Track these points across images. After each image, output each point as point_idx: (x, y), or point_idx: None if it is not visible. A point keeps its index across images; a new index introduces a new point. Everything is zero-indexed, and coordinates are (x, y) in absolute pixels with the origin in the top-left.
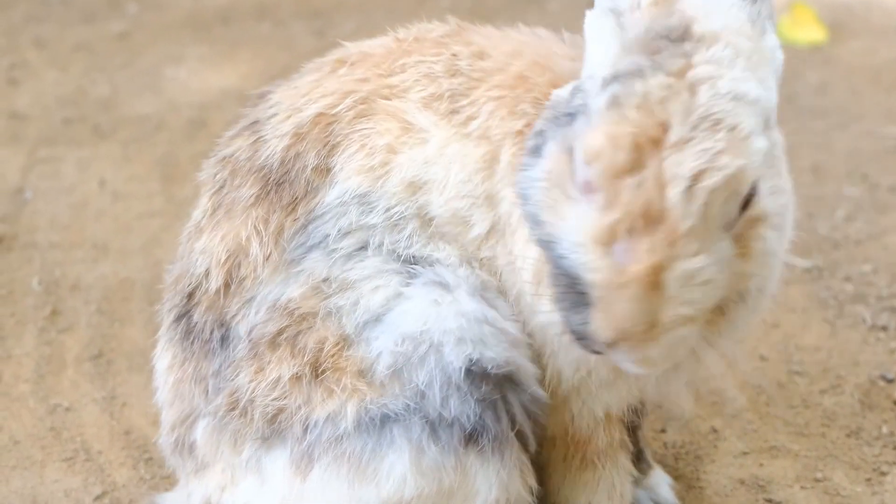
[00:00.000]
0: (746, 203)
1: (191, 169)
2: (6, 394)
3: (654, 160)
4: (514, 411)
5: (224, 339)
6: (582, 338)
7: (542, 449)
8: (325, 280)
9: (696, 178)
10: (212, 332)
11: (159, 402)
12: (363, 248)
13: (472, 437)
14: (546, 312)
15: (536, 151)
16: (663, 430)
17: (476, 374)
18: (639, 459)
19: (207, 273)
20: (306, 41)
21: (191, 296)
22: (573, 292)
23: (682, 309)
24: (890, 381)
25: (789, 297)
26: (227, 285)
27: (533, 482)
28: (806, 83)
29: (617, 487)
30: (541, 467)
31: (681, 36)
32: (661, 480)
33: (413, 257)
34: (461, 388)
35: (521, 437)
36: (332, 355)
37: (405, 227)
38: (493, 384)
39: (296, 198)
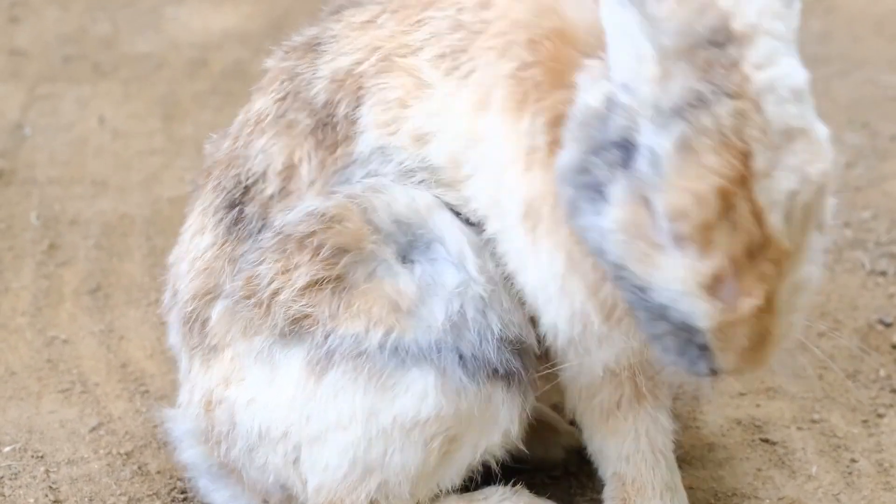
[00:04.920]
0: None
1: (191, 108)
2: (4, 326)
3: (743, 197)
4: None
5: (261, 230)
6: (693, 373)
7: (562, 399)
8: (359, 193)
9: (791, 197)
10: (255, 223)
11: (181, 270)
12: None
13: (499, 375)
14: (543, 266)
15: (593, 193)
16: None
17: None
18: None
19: (265, 175)
20: None
21: (247, 190)
22: (678, 338)
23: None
24: (888, 326)
25: None
26: (278, 192)
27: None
28: (808, 31)
29: (644, 438)
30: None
31: (725, 39)
32: None
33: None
34: (499, 340)
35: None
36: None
37: (413, 176)
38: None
39: (336, 141)
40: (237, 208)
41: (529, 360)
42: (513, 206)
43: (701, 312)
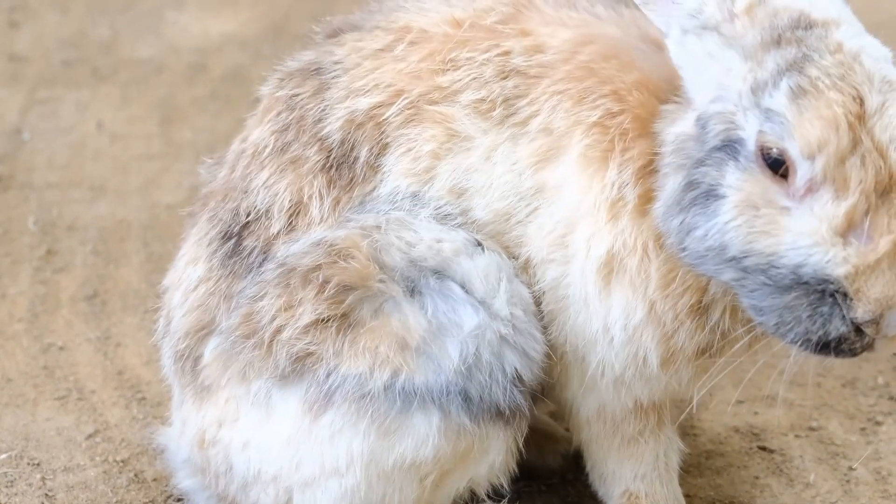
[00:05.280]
0: None
1: (190, 112)
2: (0, 332)
3: (864, 133)
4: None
5: (262, 263)
6: (825, 344)
7: (576, 429)
8: (375, 226)
9: None
10: (255, 258)
11: (175, 300)
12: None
13: (503, 416)
14: (613, 314)
15: (704, 199)
16: None
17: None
18: None
19: (269, 212)
20: None
21: (247, 225)
22: (810, 298)
23: None
24: None
25: None
26: (285, 229)
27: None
28: None
29: (661, 458)
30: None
31: (808, 24)
32: None
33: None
34: (511, 382)
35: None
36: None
37: (453, 220)
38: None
39: (353, 180)
40: (234, 240)
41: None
42: (588, 255)
43: (837, 259)
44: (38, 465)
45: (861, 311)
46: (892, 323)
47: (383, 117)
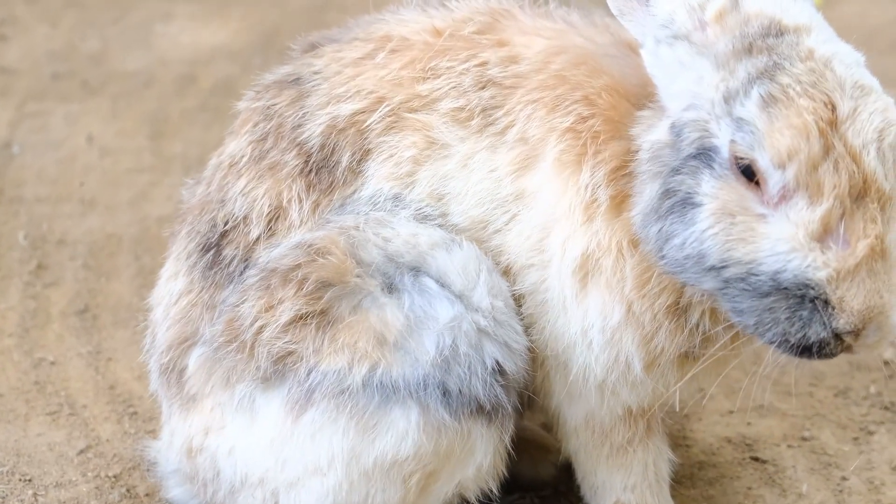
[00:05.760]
0: None
1: (181, 125)
2: None
3: (836, 138)
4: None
5: (244, 271)
6: (805, 348)
7: (564, 439)
8: (355, 226)
9: (880, 137)
10: (236, 266)
11: (157, 316)
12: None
13: (484, 411)
14: (590, 317)
15: (681, 207)
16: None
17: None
18: None
19: (247, 218)
20: None
21: (225, 234)
22: (790, 302)
23: None
24: None
25: None
26: (265, 234)
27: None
28: None
29: (651, 468)
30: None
31: (779, 31)
32: None
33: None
34: (491, 375)
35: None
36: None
37: (434, 220)
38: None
39: (333, 184)
40: (213, 251)
41: (515, 393)
42: (564, 257)
43: (817, 263)
44: (29, 480)
45: (843, 322)
46: (872, 334)
47: (365, 124)
